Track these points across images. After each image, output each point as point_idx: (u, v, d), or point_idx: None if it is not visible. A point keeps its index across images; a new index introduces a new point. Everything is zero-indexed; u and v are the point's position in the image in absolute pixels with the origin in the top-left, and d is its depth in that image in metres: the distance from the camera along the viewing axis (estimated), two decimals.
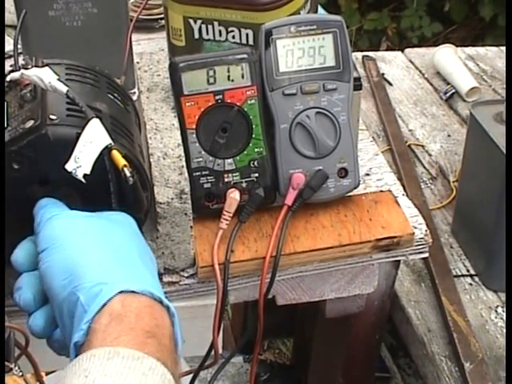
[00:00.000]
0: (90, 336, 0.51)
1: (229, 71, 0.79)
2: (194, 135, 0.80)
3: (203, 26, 0.90)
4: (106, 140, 0.59)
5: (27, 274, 0.59)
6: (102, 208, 0.61)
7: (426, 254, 0.86)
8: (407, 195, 0.90)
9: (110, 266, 0.56)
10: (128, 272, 0.56)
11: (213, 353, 0.80)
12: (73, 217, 0.60)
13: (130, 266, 0.57)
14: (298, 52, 0.80)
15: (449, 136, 1.62)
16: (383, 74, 1.82)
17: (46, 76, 0.62)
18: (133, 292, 0.53)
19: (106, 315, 0.52)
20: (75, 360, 0.49)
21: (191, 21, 0.90)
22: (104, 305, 0.52)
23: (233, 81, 0.79)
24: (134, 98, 0.86)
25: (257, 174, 0.81)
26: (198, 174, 0.80)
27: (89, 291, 0.53)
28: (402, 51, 1.97)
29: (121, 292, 0.53)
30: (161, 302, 0.55)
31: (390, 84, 1.80)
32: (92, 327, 0.51)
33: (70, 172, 0.58)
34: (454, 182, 1.46)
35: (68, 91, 0.61)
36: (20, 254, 0.60)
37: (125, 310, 0.52)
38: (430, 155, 1.56)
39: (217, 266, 0.77)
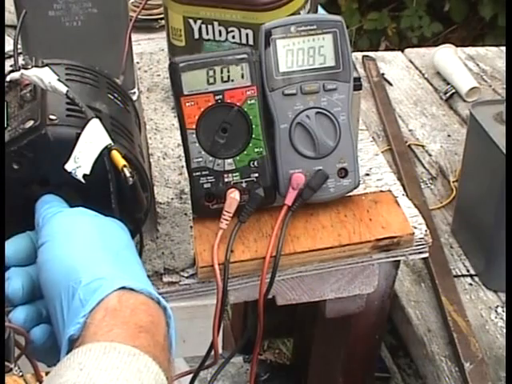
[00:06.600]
0: (84, 331, 0.51)
1: (229, 71, 0.79)
2: (194, 135, 0.80)
3: (203, 26, 0.90)
4: (106, 140, 0.59)
5: (16, 268, 0.58)
6: (102, 208, 0.61)
7: (426, 254, 0.86)
8: (407, 195, 0.90)
9: (110, 264, 0.56)
10: (127, 271, 0.56)
11: (213, 353, 0.80)
12: (77, 214, 0.60)
13: (129, 266, 0.57)
14: (298, 52, 0.80)
15: (449, 136, 1.61)
16: (383, 74, 1.82)
17: (45, 76, 0.62)
18: (131, 289, 0.53)
19: (102, 310, 0.52)
20: (70, 354, 0.49)
21: (191, 21, 0.90)
22: (101, 300, 0.52)
23: (233, 81, 0.79)
24: (134, 98, 0.86)
25: (257, 174, 0.81)
26: (197, 174, 0.80)
27: (87, 286, 0.53)
28: (402, 51, 1.97)
29: (119, 288, 0.53)
30: (158, 303, 0.55)
31: (390, 84, 1.80)
32: (87, 322, 0.51)
33: (70, 172, 0.58)
34: (454, 181, 1.46)
35: (68, 91, 0.61)
36: (11, 249, 0.59)
37: (121, 305, 0.52)
38: (430, 155, 1.56)
39: (217, 266, 0.77)
